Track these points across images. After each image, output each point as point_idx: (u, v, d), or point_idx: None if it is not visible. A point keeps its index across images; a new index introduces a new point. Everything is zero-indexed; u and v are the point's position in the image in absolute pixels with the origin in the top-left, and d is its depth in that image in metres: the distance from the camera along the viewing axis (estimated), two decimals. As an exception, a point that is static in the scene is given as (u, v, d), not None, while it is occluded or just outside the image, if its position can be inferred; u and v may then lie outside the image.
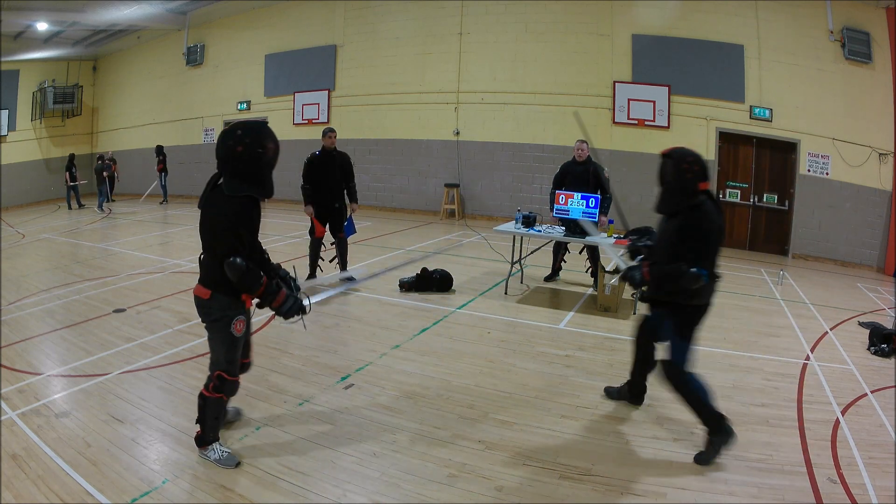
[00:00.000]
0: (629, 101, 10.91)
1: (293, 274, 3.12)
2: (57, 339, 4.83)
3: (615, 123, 11.07)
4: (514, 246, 6.61)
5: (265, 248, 3.09)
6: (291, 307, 2.90)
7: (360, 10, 13.29)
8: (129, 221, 12.15)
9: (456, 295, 6.34)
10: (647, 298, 3.34)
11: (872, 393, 4.13)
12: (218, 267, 2.76)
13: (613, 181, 10.76)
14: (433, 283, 6.42)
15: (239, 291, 2.84)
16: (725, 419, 3.09)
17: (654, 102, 10.75)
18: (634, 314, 5.84)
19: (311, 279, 6.52)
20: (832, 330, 5.70)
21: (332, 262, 6.71)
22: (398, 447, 3.19)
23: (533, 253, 7.20)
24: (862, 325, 5.83)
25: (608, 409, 3.73)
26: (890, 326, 5.58)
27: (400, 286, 6.45)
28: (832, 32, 9.44)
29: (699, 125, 10.54)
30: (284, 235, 10.02)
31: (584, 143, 6.52)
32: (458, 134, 12.49)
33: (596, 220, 6.14)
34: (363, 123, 13.16)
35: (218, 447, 2.99)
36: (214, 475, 2.86)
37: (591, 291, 6.67)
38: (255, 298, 2.87)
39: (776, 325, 5.81)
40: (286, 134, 14.44)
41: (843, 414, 3.77)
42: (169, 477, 2.83)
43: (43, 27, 13.70)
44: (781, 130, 10.01)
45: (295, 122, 14.18)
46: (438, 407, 3.69)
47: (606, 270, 6.11)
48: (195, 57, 15.48)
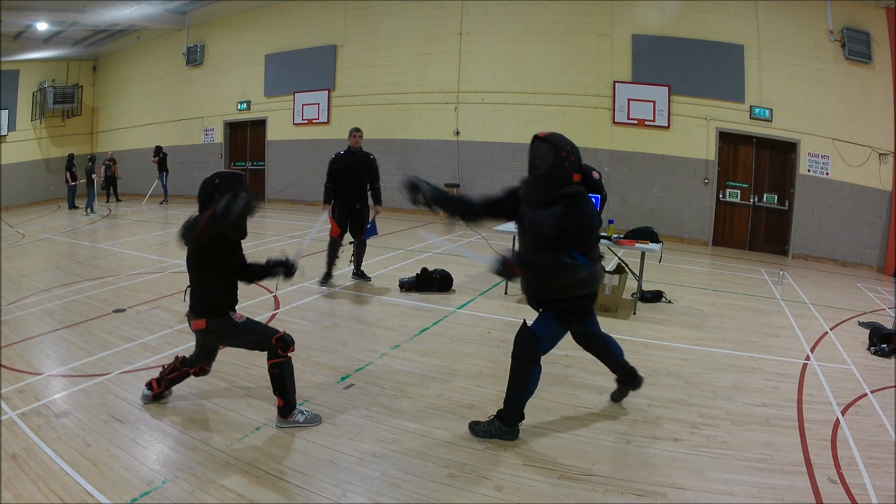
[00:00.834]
0: (629, 101, 10.91)
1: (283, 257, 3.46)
2: (57, 339, 4.83)
3: (615, 123, 11.07)
4: (514, 246, 6.61)
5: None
6: (230, 203, 2.89)
7: (360, 10, 13.29)
8: (129, 221, 12.15)
9: (456, 295, 6.34)
10: (539, 301, 3.20)
11: (872, 393, 4.13)
12: (204, 291, 3.16)
13: (614, 181, 10.80)
14: (433, 283, 6.42)
15: (223, 303, 3.22)
16: (522, 420, 3.23)
17: (654, 102, 10.75)
18: (634, 314, 5.84)
19: (326, 280, 6.52)
20: (832, 330, 5.70)
21: (350, 262, 6.70)
22: (398, 447, 3.18)
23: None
24: (862, 325, 5.83)
25: (608, 409, 3.73)
26: (890, 326, 5.59)
27: (400, 286, 6.45)
28: (832, 32, 9.44)
29: (699, 125, 10.54)
30: (284, 235, 10.02)
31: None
32: (457, 134, 12.49)
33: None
34: (363, 123, 13.03)
35: (302, 410, 3.36)
36: (214, 475, 2.86)
37: (591, 291, 6.66)
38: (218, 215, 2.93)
39: (776, 325, 5.81)
40: (286, 134, 14.48)
41: (843, 414, 3.77)
42: (169, 477, 2.83)
43: (43, 27, 13.70)
44: (781, 130, 10.01)
45: (295, 122, 14.19)
46: (438, 407, 3.69)
47: (606, 270, 6.11)
48: (195, 57, 15.47)
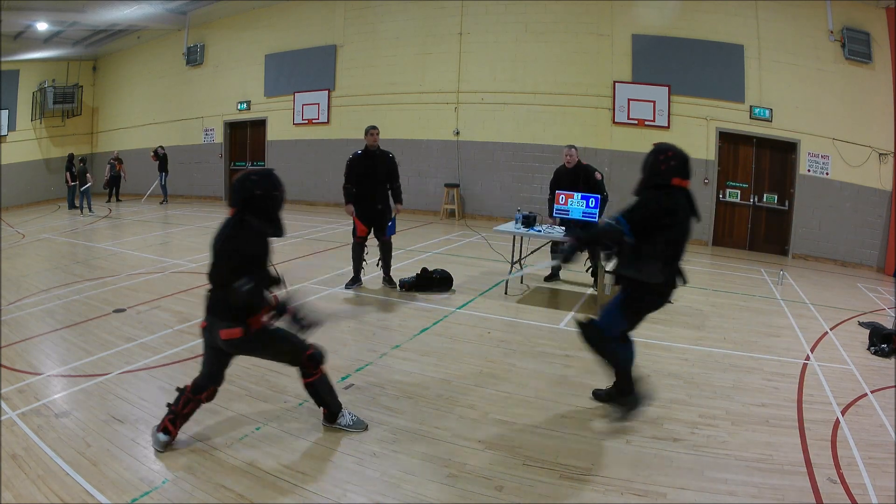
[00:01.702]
0: (629, 101, 10.91)
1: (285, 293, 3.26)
2: (57, 339, 4.83)
3: (615, 123, 11.08)
4: (513, 246, 6.61)
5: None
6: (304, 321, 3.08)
7: (360, 10, 13.29)
8: (129, 221, 12.15)
9: (456, 295, 6.34)
10: (616, 277, 3.41)
11: (872, 393, 4.13)
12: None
13: (614, 181, 10.79)
14: (433, 283, 6.42)
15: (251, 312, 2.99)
16: (634, 387, 3.41)
17: (654, 102, 10.75)
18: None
19: (354, 283, 6.46)
20: (832, 330, 5.70)
21: (377, 265, 6.61)
22: (398, 447, 3.19)
23: (533, 253, 7.19)
24: (862, 325, 5.83)
25: (608, 409, 3.73)
26: (890, 326, 5.58)
27: (400, 286, 6.45)
28: (832, 32, 9.44)
29: (699, 125, 10.54)
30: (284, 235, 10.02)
31: (572, 148, 6.46)
32: (457, 134, 12.49)
33: (596, 219, 6.14)
34: (363, 123, 12.90)
35: (347, 413, 3.35)
36: (214, 475, 2.86)
37: (591, 291, 6.67)
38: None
39: (776, 325, 5.81)
40: (286, 134, 14.48)
41: (843, 414, 3.77)
42: (169, 477, 2.83)
43: (43, 27, 13.70)
44: (781, 130, 10.01)
45: (295, 122, 14.19)
46: (438, 407, 3.69)
47: (607, 270, 6.11)
48: (195, 57, 15.47)
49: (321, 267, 7.53)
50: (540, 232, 6.22)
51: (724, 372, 4.43)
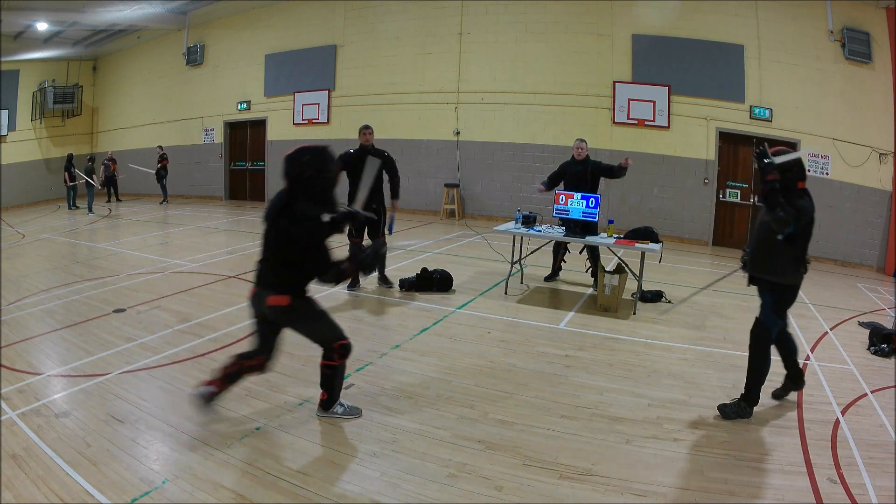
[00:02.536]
0: (629, 101, 10.90)
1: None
2: (57, 339, 4.83)
3: (615, 123, 11.07)
4: (514, 246, 6.62)
5: None
6: (369, 261, 3.22)
7: (360, 10, 13.29)
8: (129, 221, 12.15)
9: (456, 295, 6.34)
10: (750, 280, 3.77)
11: (872, 393, 4.14)
12: (293, 273, 3.06)
13: (614, 181, 10.76)
14: (433, 283, 6.42)
15: (305, 286, 3.16)
16: (758, 401, 3.63)
17: (654, 102, 10.75)
18: (634, 314, 5.84)
19: (355, 285, 6.44)
20: (832, 330, 5.70)
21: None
22: (398, 447, 3.19)
23: (533, 253, 7.19)
24: (862, 325, 5.83)
25: (608, 409, 3.73)
26: (890, 326, 5.58)
27: (400, 286, 6.45)
28: (832, 32, 9.44)
29: (699, 125, 10.54)
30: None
31: (583, 141, 6.50)
32: (457, 134, 12.49)
33: (596, 219, 6.14)
34: (363, 123, 13.15)
35: (342, 402, 3.49)
36: (214, 475, 2.86)
37: (591, 291, 6.67)
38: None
39: (776, 325, 5.80)
40: (286, 134, 14.47)
41: (843, 414, 3.77)
42: (169, 477, 2.83)
43: (43, 27, 13.69)
44: (781, 130, 10.00)
45: (295, 122, 14.18)
46: (438, 407, 3.69)
47: (606, 270, 6.12)
48: (195, 57, 15.47)
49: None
50: (540, 232, 6.22)
51: (724, 372, 4.43)
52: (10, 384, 3.87)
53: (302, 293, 3.14)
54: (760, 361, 3.60)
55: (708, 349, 4.94)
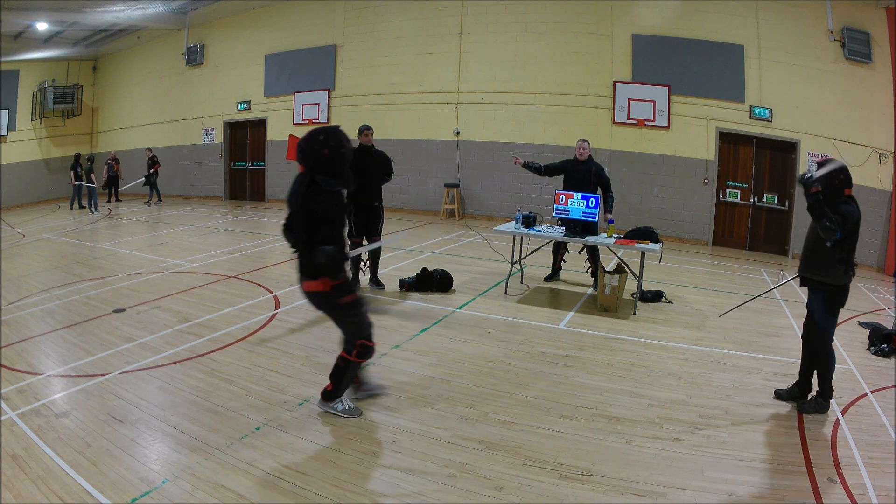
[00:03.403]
0: (629, 101, 10.91)
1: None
2: (57, 339, 4.83)
3: (615, 123, 11.07)
4: (514, 246, 6.62)
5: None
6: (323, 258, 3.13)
7: (360, 10, 13.29)
8: (129, 221, 12.15)
9: (456, 295, 6.34)
10: (802, 281, 3.91)
11: (872, 393, 4.14)
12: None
13: (614, 181, 10.77)
14: (433, 283, 6.42)
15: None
16: (832, 394, 3.80)
17: (654, 102, 10.75)
18: (634, 314, 5.84)
19: (353, 285, 6.41)
20: (832, 330, 5.69)
21: (364, 265, 6.55)
22: (398, 447, 3.19)
23: (533, 253, 7.19)
24: (862, 325, 5.83)
25: (608, 409, 3.73)
26: (890, 326, 5.58)
27: (400, 286, 6.45)
28: (832, 32, 9.44)
29: (699, 125, 10.54)
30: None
31: (585, 142, 6.51)
32: (457, 134, 12.49)
33: (596, 219, 6.14)
34: (363, 123, 13.16)
35: (345, 400, 3.48)
36: (214, 475, 2.86)
37: (591, 291, 6.67)
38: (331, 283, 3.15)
39: (776, 325, 5.81)
40: (286, 134, 14.39)
41: (843, 414, 3.77)
42: (169, 477, 2.83)
43: (43, 27, 13.70)
44: (781, 130, 10.01)
45: (295, 122, 14.18)
46: (438, 407, 3.69)
47: (606, 270, 6.12)
48: (195, 57, 15.47)
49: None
50: (540, 232, 6.23)
51: (724, 372, 4.43)
52: (10, 384, 3.87)
53: (340, 277, 3.18)
54: (826, 358, 3.78)
55: (708, 349, 4.94)
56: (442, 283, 6.43)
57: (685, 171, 10.71)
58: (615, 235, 6.05)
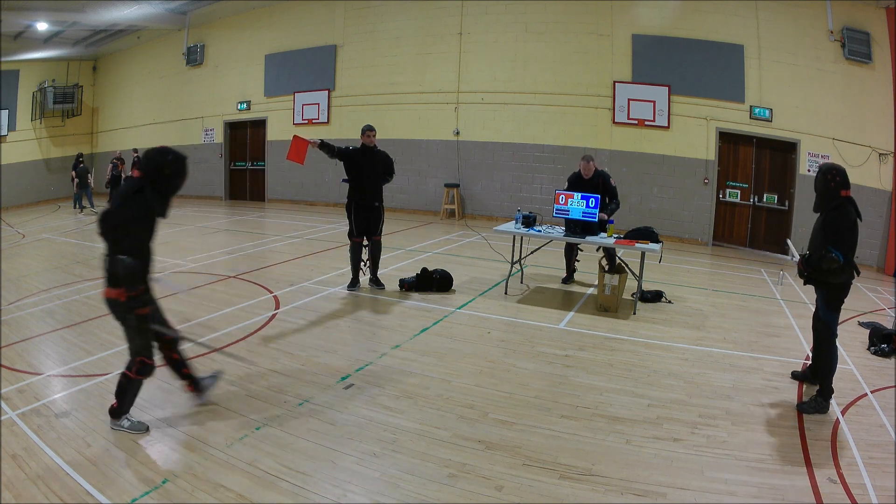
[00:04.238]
0: (629, 101, 10.91)
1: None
2: (57, 339, 4.83)
3: (615, 123, 11.08)
4: (514, 246, 6.62)
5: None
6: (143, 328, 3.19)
7: (360, 10, 13.29)
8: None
9: (456, 295, 6.34)
10: (806, 280, 3.95)
11: (872, 393, 4.14)
12: (115, 263, 3.02)
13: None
14: (433, 283, 6.42)
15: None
16: (832, 394, 3.83)
17: (654, 102, 10.75)
18: (634, 314, 5.84)
19: (354, 285, 6.43)
20: (832, 330, 5.69)
21: (364, 265, 6.50)
22: (398, 447, 3.19)
23: (533, 253, 7.20)
24: (862, 325, 5.83)
25: (608, 409, 3.73)
26: (890, 326, 5.58)
27: (400, 286, 6.45)
28: (832, 32, 9.44)
29: (699, 125, 10.54)
30: (283, 235, 10.03)
31: (590, 161, 6.39)
32: (458, 134, 12.49)
33: (596, 219, 6.14)
34: (363, 123, 13.04)
35: (129, 417, 3.31)
36: (214, 475, 2.86)
37: (591, 291, 6.67)
38: (127, 296, 3.08)
39: (776, 325, 5.80)
40: (286, 134, 14.44)
41: (843, 414, 3.77)
42: (169, 477, 2.83)
43: (43, 27, 13.70)
44: (781, 130, 10.00)
45: (295, 122, 14.19)
46: (438, 407, 3.69)
47: (606, 270, 6.12)
48: (195, 57, 15.48)
49: (320, 267, 7.54)
50: (540, 232, 6.22)
51: (724, 372, 4.43)
52: (10, 384, 3.87)
53: (136, 290, 3.08)
54: (829, 355, 3.83)
55: (708, 349, 4.94)
56: (442, 283, 6.43)
57: (685, 171, 10.71)
58: (615, 235, 6.05)
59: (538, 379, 4.17)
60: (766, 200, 10.41)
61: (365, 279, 6.56)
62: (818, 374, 4.05)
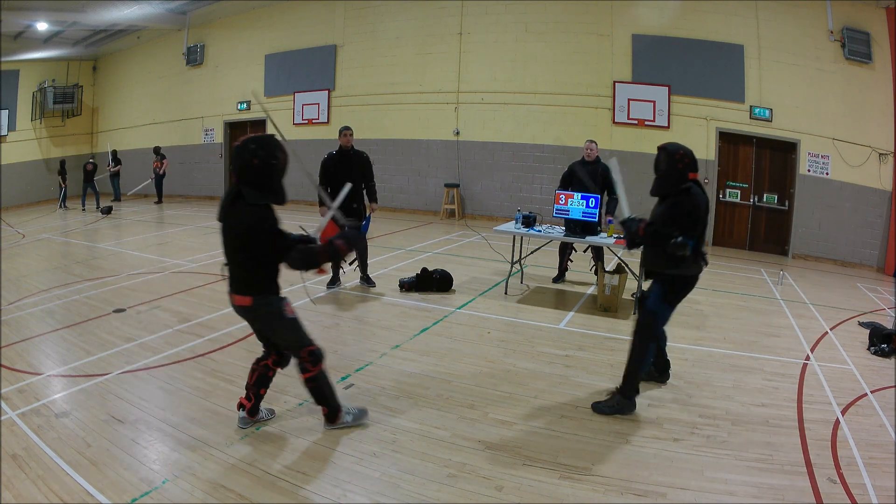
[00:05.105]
0: (629, 101, 10.91)
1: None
2: (57, 339, 4.83)
3: (615, 123, 11.07)
4: (514, 246, 6.62)
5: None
6: (352, 237, 3.13)
7: (360, 10, 13.29)
8: (129, 221, 12.14)
9: (456, 295, 6.34)
10: (647, 272, 3.73)
11: (872, 393, 4.13)
12: (251, 271, 2.99)
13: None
14: (433, 283, 6.42)
15: (273, 284, 3.06)
16: (637, 394, 3.63)
17: (654, 102, 10.75)
18: (634, 314, 5.84)
19: (334, 283, 6.46)
20: (832, 330, 5.70)
21: (352, 264, 6.52)
22: (398, 447, 3.19)
23: (533, 253, 7.19)
24: (862, 325, 5.83)
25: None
26: (890, 326, 5.58)
27: (400, 286, 6.45)
28: (832, 32, 9.44)
29: (699, 125, 10.54)
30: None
31: (593, 143, 6.54)
32: (458, 134, 12.49)
33: (596, 219, 6.13)
34: (363, 123, 13.14)
35: (347, 411, 3.32)
36: (214, 475, 2.86)
37: (591, 291, 6.67)
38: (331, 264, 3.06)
39: (776, 325, 5.81)
40: (286, 134, 14.45)
41: (843, 414, 3.77)
42: (169, 477, 2.83)
43: (43, 27, 13.69)
44: (781, 130, 10.00)
45: (295, 122, 14.18)
46: (438, 407, 3.69)
47: (606, 271, 6.12)
48: (195, 57, 15.47)
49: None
50: (540, 232, 6.22)
51: (724, 372, 4.43)
52: (10, 384, 3.87)
53: (266, 288, 3.03)
54: (642, 350, 3.60)
55: (708, 349, 4.94)
56: (442, 283, 6.43)
57: (685, 171, 10.70)
58: (615, 235, 6.05)
59: (538, 379, 4.17)
60: (766, 200, 10.41)
61: (345, 274, 6.63)
62: (658, 368, 4.01)
